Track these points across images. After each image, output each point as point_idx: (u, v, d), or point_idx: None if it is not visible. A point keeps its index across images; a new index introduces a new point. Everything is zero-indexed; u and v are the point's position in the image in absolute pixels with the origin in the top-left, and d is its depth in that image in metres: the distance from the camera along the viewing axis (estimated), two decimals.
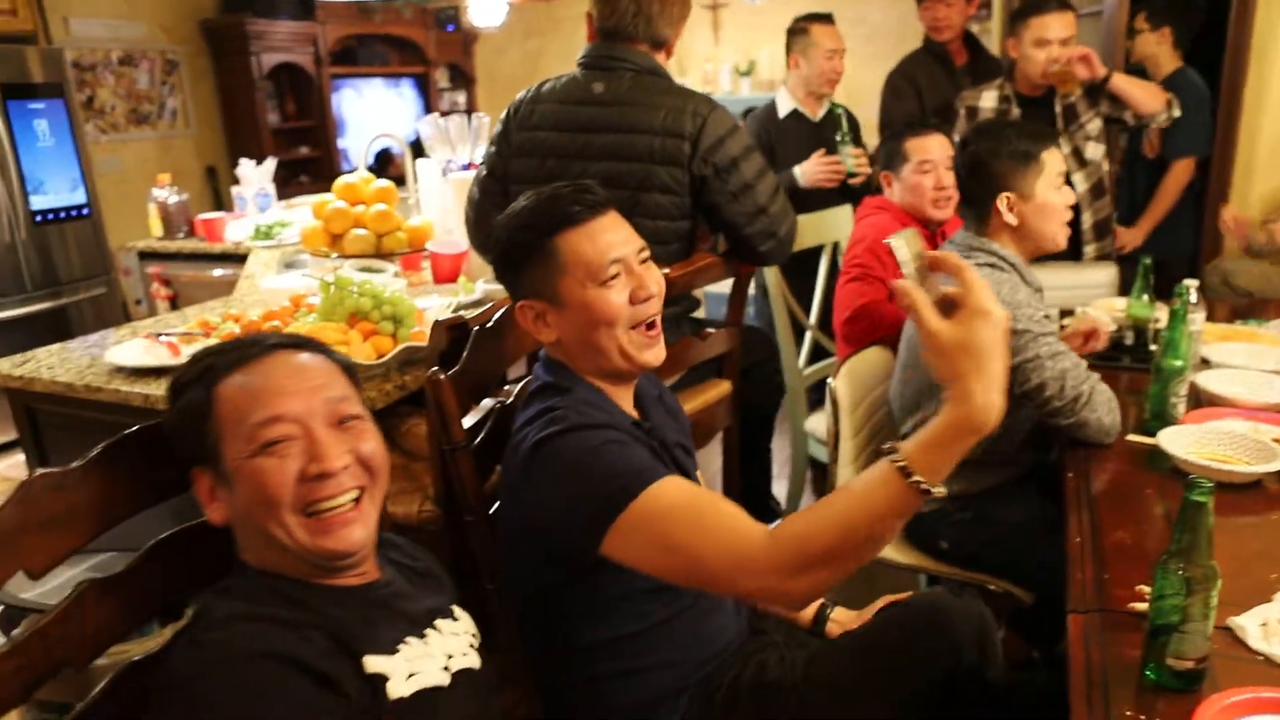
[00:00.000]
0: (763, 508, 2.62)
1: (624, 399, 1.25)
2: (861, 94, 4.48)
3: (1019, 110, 2.73)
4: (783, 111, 3.07)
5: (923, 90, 3.10)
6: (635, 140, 1.89)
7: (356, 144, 6.52)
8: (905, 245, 0.95)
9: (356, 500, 0.96)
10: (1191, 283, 1.92)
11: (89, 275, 4.16)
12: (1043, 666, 1.82)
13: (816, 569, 0.95)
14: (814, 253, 2.73)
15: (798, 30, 3.03)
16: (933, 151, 2.31)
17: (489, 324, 1.35)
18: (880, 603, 1.37)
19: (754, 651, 1.29)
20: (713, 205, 1.92)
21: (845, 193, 2.96)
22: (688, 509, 1.03)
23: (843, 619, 1.38)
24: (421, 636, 0.99)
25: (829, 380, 1.87)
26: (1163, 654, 1.00)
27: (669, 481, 1.05)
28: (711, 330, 1.92)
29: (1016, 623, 1.90)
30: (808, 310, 2.71)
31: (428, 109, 7.20)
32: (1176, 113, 2.72)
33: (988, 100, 2.80)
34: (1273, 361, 1.92)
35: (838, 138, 2.95)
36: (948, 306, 0.93)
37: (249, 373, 0.95)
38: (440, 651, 0.99)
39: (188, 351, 1.84)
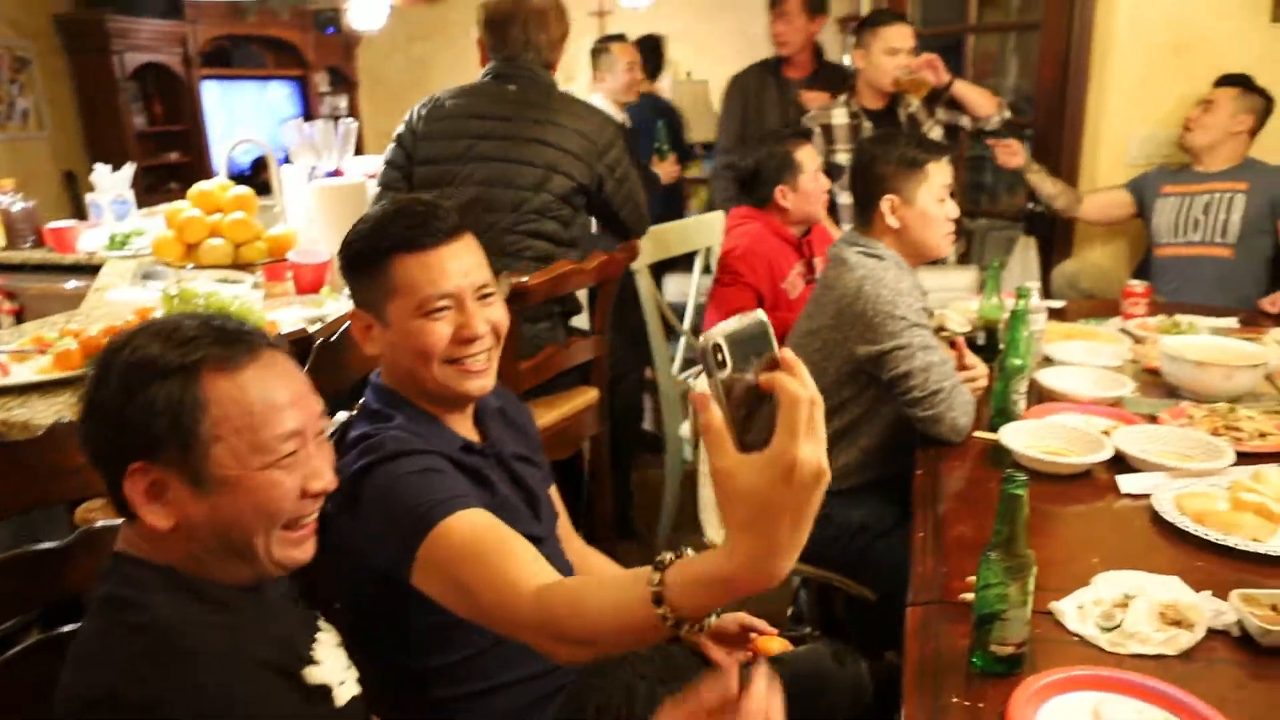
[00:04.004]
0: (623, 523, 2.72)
1: (458, 421, 1.24)
2: None
3: (869, 123, 2.86)
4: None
5: (749, 102, 3.28)
6: (549, 132, 2.11)
7: (237, 150, 6.28)
8: (723, 341, 0.68)
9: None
10: (1032, 285, 2.03)
11: None
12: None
13: (571, 646, 0.89)
14: (687, 259, 2.78)
15: (600, 50, 3.45)
16: (817, 158, 2.47)
17: (332, 337, 1.31)
18: (742, 617, 1.38)
19: (626, 666, 1.29)
20: (605, 203, 2.21)
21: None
22: (476, 547, 0.99)
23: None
24: (316, 641, 0.98)
25: (691, 383, 1.90)
26: (987, 641, 1.04)
27: (468, 515, 1.03)
28: (575, 338, 1.92)
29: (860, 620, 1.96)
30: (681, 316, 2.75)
31: (308, 113, 6.99)
32: (1007, 114, 2.93)
33: (838, 117, 2.93)
34: (1108, 358, 2.04)
35: (659, 146, 3.54)
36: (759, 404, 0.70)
37: (250, 373, 0.89)
38: (334, 657, 0.98)
39: (19, 371, 1.73)
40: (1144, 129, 2.96)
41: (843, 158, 2.86)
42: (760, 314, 0.71)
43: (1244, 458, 1.53)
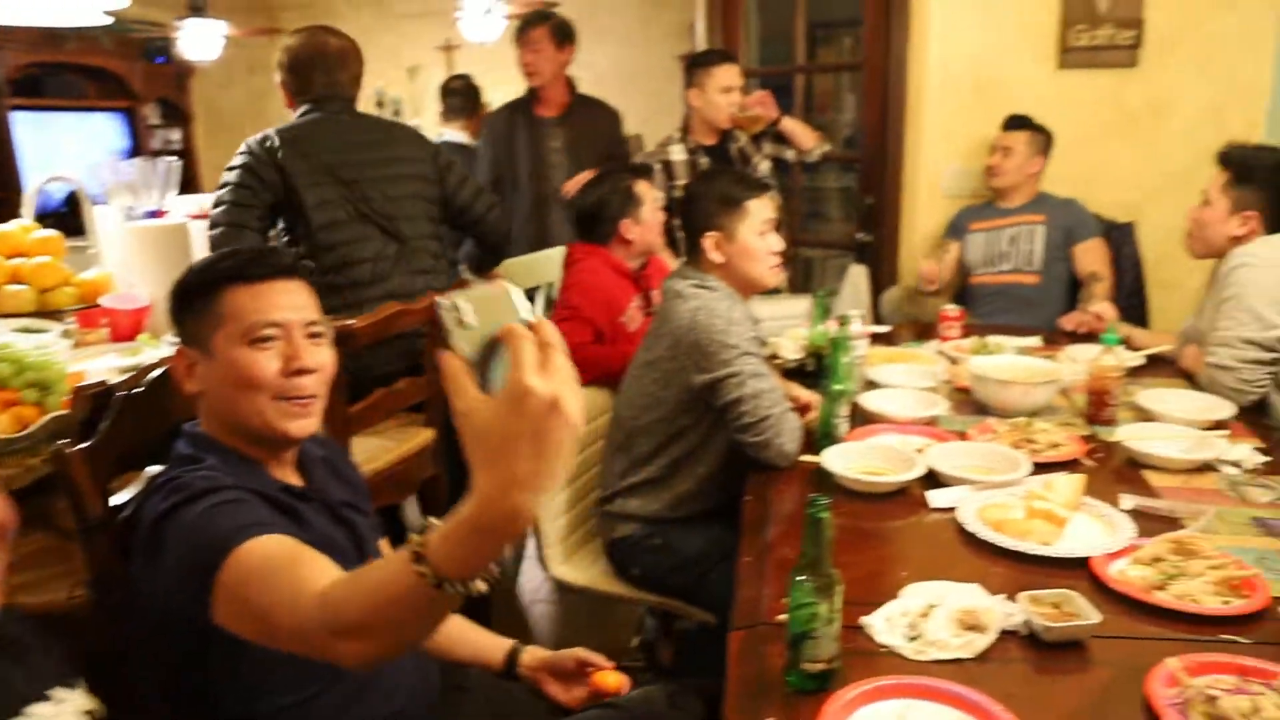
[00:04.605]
0: None
1: (278, 467, 1.21)
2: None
3: (705, 159, 2.98)
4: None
5: (498, 144, 3.30)
6: (401, 154, 2.33)
7: (47, 187, 5.85)
8: (469, 305, 0.71)
9: None
10: (856, 312, 2.15)
11: None
12: None
13: (355, 639, 0.83)
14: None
15: (453, 90, 4.03)
16: (654, 190, 2.55)
17: (137, 389, 1.24)
18: (579, 653, 1.39)
19: (454, 710, 1.27)
20: (455, 203, 2.44)
21: None
22: (269, 566, 0.96)
23: (533, 660, 1.39)
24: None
25: None
26: (799, 659, 1.09)
27: (267, 540, 0.99)
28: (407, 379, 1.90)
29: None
30: None
31: (137, 147, 6.61)
32: (827, 147, 3.15)
33: (677, 153, 3.05)
34: (925, 379, 2.18)
35: None
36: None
37: None
38: None
39: None
40: (954, 163, 3.20)
41: (682, 192, 2.96)
42: (506, 284, 0.73)
43: (1040, 467, 1.66)
